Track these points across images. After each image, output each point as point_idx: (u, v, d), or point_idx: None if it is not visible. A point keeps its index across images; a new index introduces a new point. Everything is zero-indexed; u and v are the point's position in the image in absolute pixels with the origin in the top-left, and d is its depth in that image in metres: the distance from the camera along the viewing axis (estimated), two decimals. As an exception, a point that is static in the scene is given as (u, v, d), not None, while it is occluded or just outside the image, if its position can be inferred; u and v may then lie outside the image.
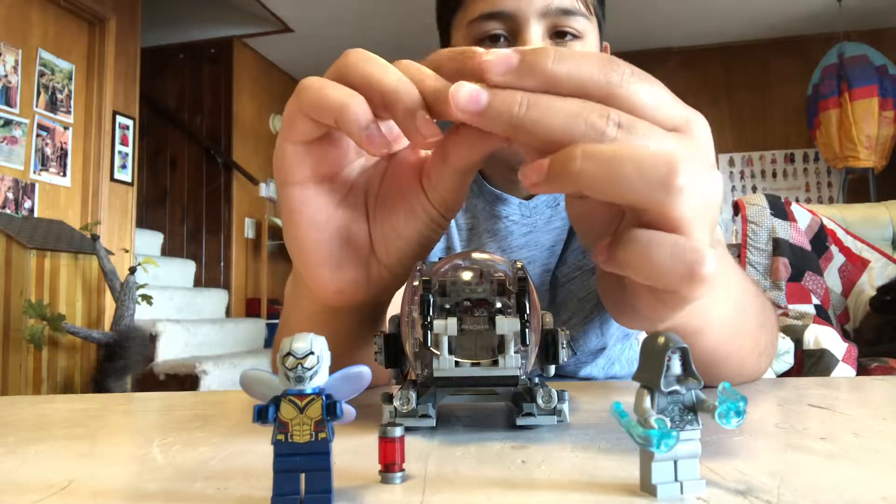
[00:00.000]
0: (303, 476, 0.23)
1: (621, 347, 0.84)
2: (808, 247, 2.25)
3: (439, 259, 0.39)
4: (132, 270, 3.02)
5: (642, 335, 0.85)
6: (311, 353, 0.24)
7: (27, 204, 3.34)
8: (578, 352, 0.80)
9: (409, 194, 0.39)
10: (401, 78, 0.33)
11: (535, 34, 0.67)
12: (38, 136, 3.43)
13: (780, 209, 2.29)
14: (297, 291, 0.47)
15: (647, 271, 0.30)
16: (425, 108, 0.32)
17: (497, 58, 0.30)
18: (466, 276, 0.35)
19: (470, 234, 0.82)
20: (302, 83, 0.35)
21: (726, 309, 0.44)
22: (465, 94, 0.30)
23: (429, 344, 0.33)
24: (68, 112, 3.64)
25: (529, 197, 0.80)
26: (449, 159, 0.36)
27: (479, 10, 0.68)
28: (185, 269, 4.80)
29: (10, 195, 3.25)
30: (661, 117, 0.30)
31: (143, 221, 4.79)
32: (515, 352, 0.33)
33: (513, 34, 0.68)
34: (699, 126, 0.32)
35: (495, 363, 0.34)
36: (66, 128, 3.62)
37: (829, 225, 2.34)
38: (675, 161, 0.28)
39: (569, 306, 0.80)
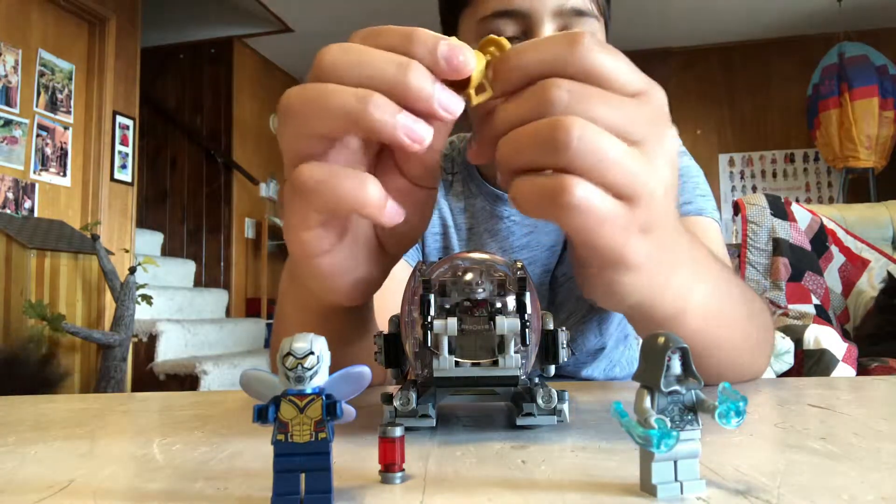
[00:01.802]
0: (303, 476, 0.23)
1: (622, 350, 0.84)
2: (808, 247, 2.25)
3: (439, 259, 0.39)
4: (132, 270, 3.02)
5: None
6: (311, 353, 0.24)
7: (27, 204, 3.34)
8: (577, 352, 0.80)
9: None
10: (359, 102, 0.31)
11: (548, 34, 0.66)
12: (38, 136, 3.43)
13: (780, 209, 2.29)
14: (297, 292, 0.47)
15: (522, 205, 0.33)
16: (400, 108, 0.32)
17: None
18: (466, 276, 0.35)
19: (469, 235, 0.82)
20: (299, 180, 0.33)
21: (705, 293, 0.45)
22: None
23: (429, 344, 0.33)
24: (68, 112, 3.63)
25: None
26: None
27: (492, 7, 0.67)
28: (185, 269, 4.80)
29: (10, 195, 3.25)
30: (620, 84, 0.33)
31: (143, 221, 4.79)
32: (515, 352, 0.33)
33: (525, 34, 0.67)
34: (656, 92, 0.35)
35: (495, 363, 0.34)
36: (66, 128, 3.62)
37: (829, 225, 2.34)
38: (561, 120, 0.31)
39: (567, 306, 0.80)
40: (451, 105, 0.32)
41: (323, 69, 0.33)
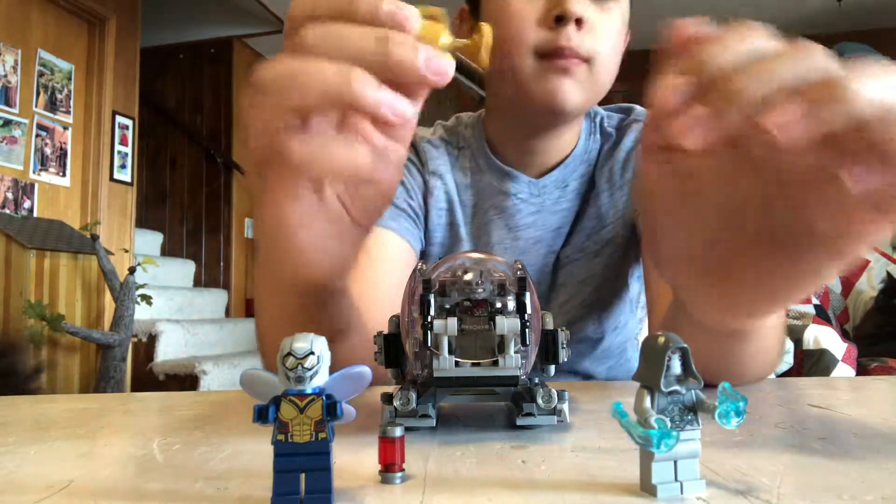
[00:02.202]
0: (303, 476, 0.23)
1: (621, 344, 0.83)
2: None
3: (440, 259, 0.39)
4: (132, 270, 3.02)
5: (643, 335, 0.84)
6: (312, 353, 0.24)
7: (27, 204, 3.34)
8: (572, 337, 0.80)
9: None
10: (341, 79, 0.31)
11: None
12: (37, 136, 3.43)
13: (779, 209, 2.29)
14: (272, 278, 0.46)
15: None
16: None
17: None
18: (466, 276, 0.35)
19: (474, 211, 0.81)
20: (290, 152, 0.33)
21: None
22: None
23: (429, 344, 0.33)
24: (68, 112, 3.63)
25: (540, 175, 0.79)
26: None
27: None
28: (184, 269, 4.80)
29: (10, 195, 3.25)
30: None
31: (143, 221, 4.79)
32: (515, 352, 0.33)
33: None
34: None
35: (495, 363, 0.34)
36: (65, 128, 3.62)
37: (829, 225, 2.34)
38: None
39: (568, 288, 0.79)
40: (442, 67, 0.32)
41: (303, 44, 0.33)
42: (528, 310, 0.33)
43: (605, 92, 0.72)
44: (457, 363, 0.34)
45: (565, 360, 0.38)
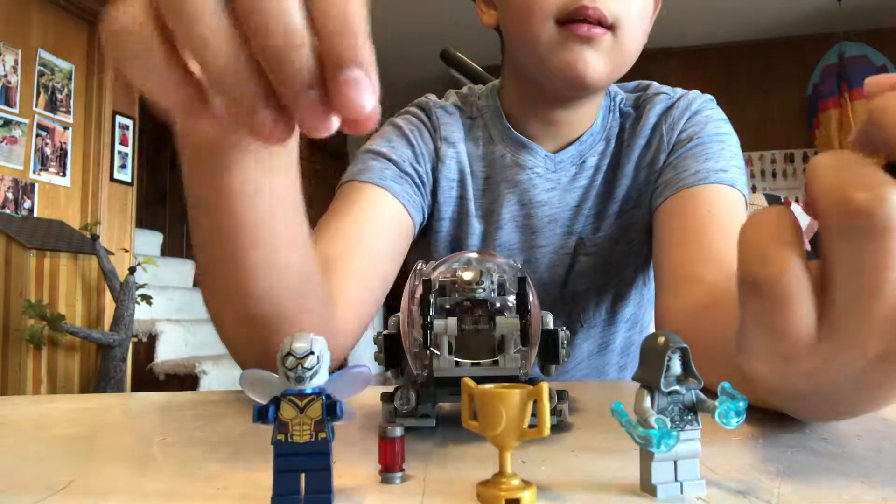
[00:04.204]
0: (303, 476, 0.23)
1: (625, 347, 0.83)
2: (808, 247, 2.25)
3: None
4: (132, 270, 3.02)
5: (648, 331, 0.84)
6: (311, 353, 0.24)
7: (27, 204, 3.34)
8: (585, 324, 0.78)
9: None
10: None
11: None
12: (37, 136, 3.43)
13: (779, 209, 2.30)
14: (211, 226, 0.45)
15: None
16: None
17: None
18: (467, 276, 0.35)
19: (486, 184, 0.77)
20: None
21: None
22: None
23: (429, 344, 0.33)
24: (68, 112, 3.63)
25: (556, 151, 0.76)
26: None
27: None
28: (184, 269, 4.80)
29: (10, 195, 3.25)
30: None
31: (143, 221, 4.79)
32: (516, 352, 0.33)
33: None
34: None
35: (495, 363, 0.34)
36: (65, 128, 3.62)
37: (829, 225, 2.35)
38: None
39: (588, 276, 0.77)
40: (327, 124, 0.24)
41: None
42: (529, 310, 0.33)
43: (631, 62, 0.69)
44: (457, 363, 0.34)
45: (566, 360, 0.38)
